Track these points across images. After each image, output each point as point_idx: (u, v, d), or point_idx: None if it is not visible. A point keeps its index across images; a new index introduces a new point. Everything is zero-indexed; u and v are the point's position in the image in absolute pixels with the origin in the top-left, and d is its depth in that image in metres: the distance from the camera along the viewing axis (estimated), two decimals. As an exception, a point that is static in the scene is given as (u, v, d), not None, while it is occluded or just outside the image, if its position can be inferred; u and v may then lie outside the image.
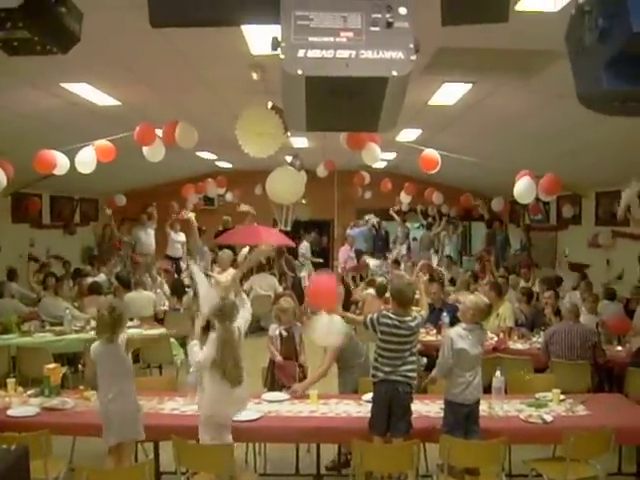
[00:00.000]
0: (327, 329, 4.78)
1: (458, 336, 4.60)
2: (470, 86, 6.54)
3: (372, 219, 16.04)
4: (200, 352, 4.45)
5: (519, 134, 8.69)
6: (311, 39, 1.85)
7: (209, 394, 4.42)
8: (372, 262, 13.87)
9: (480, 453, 4.41)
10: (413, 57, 1.86)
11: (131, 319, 8.49)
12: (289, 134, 7.50)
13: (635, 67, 1.95)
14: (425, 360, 7.24)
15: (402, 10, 1.89)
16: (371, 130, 2.68)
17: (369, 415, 4.67)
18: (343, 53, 1.84)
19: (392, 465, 4.48)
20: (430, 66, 5.60)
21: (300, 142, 10.93)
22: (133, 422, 4.48)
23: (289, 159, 8.07)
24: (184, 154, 8.94)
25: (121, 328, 4.53)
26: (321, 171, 11.37)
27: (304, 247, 15.48)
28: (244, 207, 13.80)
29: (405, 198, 13.54)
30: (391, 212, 15.34)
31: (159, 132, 7.23)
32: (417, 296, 4.93)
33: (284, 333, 5.81)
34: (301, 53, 1.84)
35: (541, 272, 11.67)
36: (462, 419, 4.50)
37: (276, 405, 5.15)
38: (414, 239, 16.36)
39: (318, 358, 5.87)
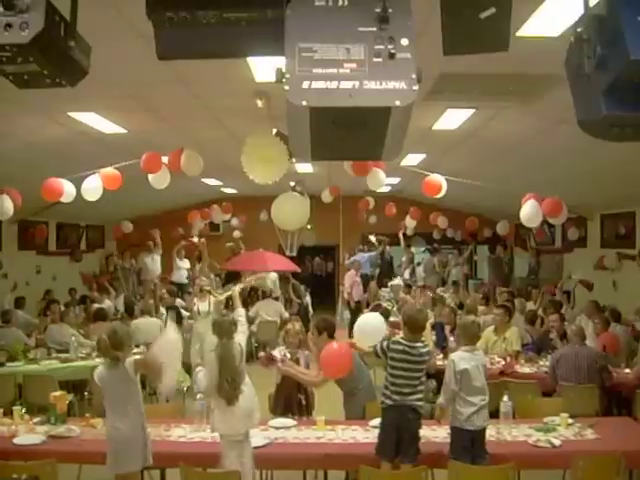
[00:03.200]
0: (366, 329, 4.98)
1: (460, 358, 4.61)
2: (473, 111, 6.60)
3: (381, 239, 15.95)
4: (204, 379, 4.51)
5: (523, 158, 8.72)
6: (315, 70, 1.88)
7: (215, 412, 4.52)
8: (383, 291, 13.78)
9: (489, 479, 4.36)
10: (415, 87, 1.89)
11: (137, 345, 8.50)
12: (294, 160, 7.56)
13: (633, 93, 1.99)
14: (435, 383, 7.19)
15: (404, 41, 1.92)
16: (376, 159, 2.71)
17: (376, 441, 4.64)
18: (347, 84, 1.87)
19: (400, 491, 4.45)
20: (433, 92, 5.66)
21: (305, 168, 10.98)
22: (136, 451, 4.34)
23: (292, 184, 8.12)
24: (190, 180, 9.00)
25: (122, 352, 4.40)
26: (326, 196, 11.41)
27: None
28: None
29: (410, 222, 13.56)
30: (400, 235, 15.36)
31: (165, 159, 7.29)
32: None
33: (288, 356, 5.78)
34: (305, 84, 1.87)
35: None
36: (469, 445, 4.46)
37: (283, 431, 5.12)
38: (418, 264, 16.30)
39: (328, 388, 5.81)
